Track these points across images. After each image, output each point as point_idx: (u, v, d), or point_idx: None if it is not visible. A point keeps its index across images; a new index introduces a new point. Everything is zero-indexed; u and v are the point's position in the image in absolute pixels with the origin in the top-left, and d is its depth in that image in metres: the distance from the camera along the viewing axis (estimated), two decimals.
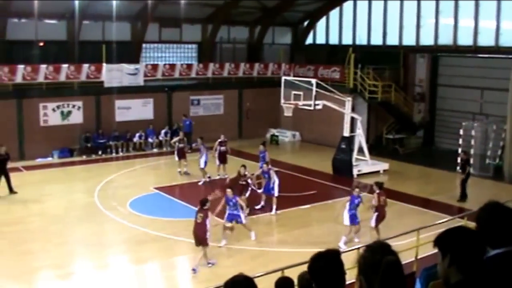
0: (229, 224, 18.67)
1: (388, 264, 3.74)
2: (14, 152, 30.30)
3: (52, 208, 22.97)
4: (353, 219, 18.86)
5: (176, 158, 28.65)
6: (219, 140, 27.58)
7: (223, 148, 27.50)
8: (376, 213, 18.92)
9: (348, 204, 18.99)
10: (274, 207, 22.41)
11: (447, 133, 34.41)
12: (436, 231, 3.83)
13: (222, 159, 27.45)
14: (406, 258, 12.13)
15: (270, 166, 23.33)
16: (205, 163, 26.90)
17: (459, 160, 27.42)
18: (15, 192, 24.77)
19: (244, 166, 22.13)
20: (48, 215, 21.97)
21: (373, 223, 18.97)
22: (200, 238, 16.52)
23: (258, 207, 22.76)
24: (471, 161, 27.76)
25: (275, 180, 22.52)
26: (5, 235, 19.60)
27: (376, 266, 3.76)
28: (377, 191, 19.27)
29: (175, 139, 29.52)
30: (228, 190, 18.88)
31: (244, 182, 21.60)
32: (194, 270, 16.47)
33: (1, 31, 31.52)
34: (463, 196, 24.39)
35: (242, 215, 18.85)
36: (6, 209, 22.61)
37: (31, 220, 21.32)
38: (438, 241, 3.75)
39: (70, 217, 21.95)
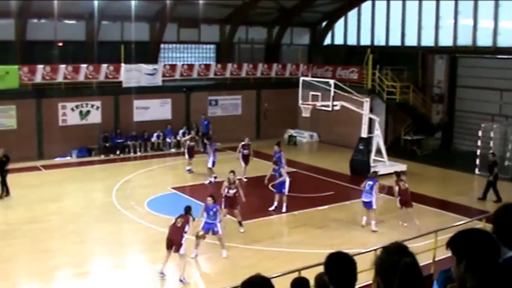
0: (201, 233, 17.66)
1: (406, 266, 3.72)
2: (33, 151, 30.67)
3: (70, 207, 23.12)
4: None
5: (186, 156, 28.85)
6: (243, 143, 27.44)
7: (246, 151, 27.34)
8: (399, 197, 20.93)
9: (377, 189, 20.79)
10: (284, 205, 22.48)
11: (466, 135, 34.16)
12: (454, 233, 3.81)
13: (245, 161, 27.33)
14: (423, 260, 12.13)
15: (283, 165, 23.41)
16: (213, 163, 26.95)
17: (477, 161, 27.29)
18: (8, 194, 24.27)
19: (233, 172, 20.74)
20: (67, 214, 22.11)
21: (399, 206, 21.05)
22: (177, 243, 15.97)
23: (271, 208, 22.79)
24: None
25: (286, 179, 22.54)
26: (24, 233, 19.75)
27: (393, 268, 3.74)
28: (395, 179, 21.66)
29: (186, 137, 29.80)
30: (209, 199, 17.92)
31: (234, 190, 20.05)
32: (181, 281, 15.98)
33: (21, 32, 31.77)
34: (485, 198, 24.25)
35: (219, 226, 17.86)
36: (25, 208, 22.76)
37: (49, 219, 21.46)
38: (453, 246, 3.71)
39: (88, 216, 22.07)
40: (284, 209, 22.42)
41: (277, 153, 25.16)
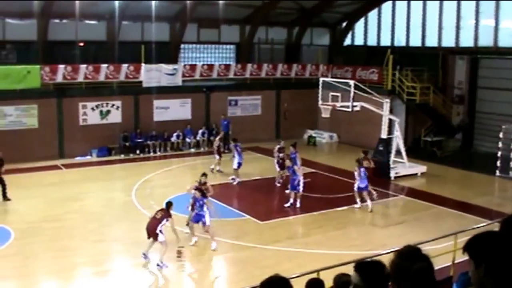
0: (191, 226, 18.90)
1: (418, 271, 3.70)
2: (54, 150, 30.93)
3: (90, 206, 23.27)
4: None
5: (217, 157, 28.59)
6: (278, 146, 27.09)
7: (281, 154, 26.91)
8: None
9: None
10: (298, 201, 22.76)
11: (487, 136, 33.90)
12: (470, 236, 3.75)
13: (283, 165, 26.86)
14: (443, 262, 12.06)
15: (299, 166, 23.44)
16: (239, 164, 26.93)
17: (498, 163, 27.00)
18: (8, 199, 23.86)
19: (205, 174, 20.85)
20: (87, 213, 22.25)
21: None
22: (151, 232, 17.13)
23: (287, 205, 23.05)
24: (511, 164, 27.38)
25: (300, 178, 22.73)
26: (45, 231, 19.92)
27: (405, 273, 3.73)
28: (362, 156, 24.68)
29: (217, 138, 29.60)
30: (196, 192, 18.78)
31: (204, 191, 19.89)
32: (158, 265, 16.94)
33: (43, 32, 32.04)
34: None
35: (208, 217, 18.47)
36: (46, 207, 22.96)
37: (69, 217, 21.61)
38: (471, 249, 3.63)
39: (107, 215, 22.22)
40: (298, 205, 22.77)
41: (293, 154, 25.12)
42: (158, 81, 34.29)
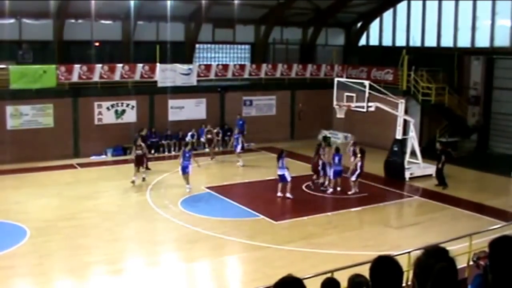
0: None
1: (439, 270, 3.70)
2: (69, 149, 31.08)
3: (105, 205, 23.36)
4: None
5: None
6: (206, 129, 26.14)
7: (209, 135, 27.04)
8: None
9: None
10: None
11: (502, 137, 33.70)
12: (489, 237, 3.74)
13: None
14: (458, 264, 12.00)
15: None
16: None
17: None
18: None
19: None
20: (101, 212, 22.34)
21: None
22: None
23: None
24: None
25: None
26: (60, 230, 20.02)
27: (428, 271, 3.74)
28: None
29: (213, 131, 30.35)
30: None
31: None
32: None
33: (59, 32, 32.24)
34: None
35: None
36: (61, 205, 23.07)
37: (85, 216, 21.69)
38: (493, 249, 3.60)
39: (122, 214, 22.28)
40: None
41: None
42: (173, 81, 34.39)
